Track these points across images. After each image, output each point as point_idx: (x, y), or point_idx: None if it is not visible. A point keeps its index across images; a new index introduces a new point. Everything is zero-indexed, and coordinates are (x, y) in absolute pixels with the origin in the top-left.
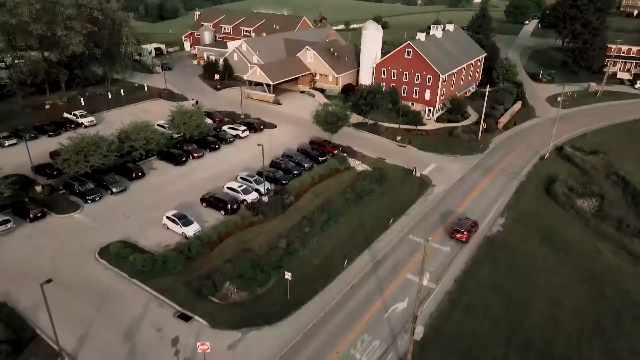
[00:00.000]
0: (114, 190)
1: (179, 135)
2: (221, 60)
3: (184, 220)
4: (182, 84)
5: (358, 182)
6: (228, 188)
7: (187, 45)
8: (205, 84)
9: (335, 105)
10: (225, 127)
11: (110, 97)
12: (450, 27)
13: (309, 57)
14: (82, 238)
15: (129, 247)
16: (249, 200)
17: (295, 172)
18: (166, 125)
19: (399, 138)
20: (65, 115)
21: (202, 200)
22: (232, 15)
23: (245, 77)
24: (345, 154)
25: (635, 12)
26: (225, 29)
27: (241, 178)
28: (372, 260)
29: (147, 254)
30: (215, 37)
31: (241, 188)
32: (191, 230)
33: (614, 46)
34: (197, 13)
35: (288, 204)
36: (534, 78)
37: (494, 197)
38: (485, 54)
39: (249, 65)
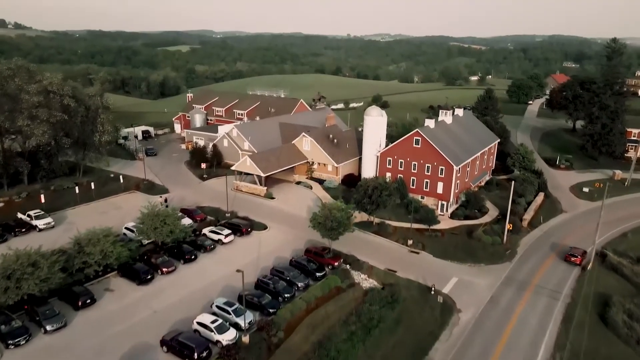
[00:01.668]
0: (48, 328)
1: (149, 241)
2: (210, 146)
3: None
4: (166, 172)
5: (365, 307)
6: (198, 324)
7: (177, 128)
8: (191, 172)
9: (336, 210)
10: (205, 230)
11: (77, 191)
12: (459, 112)
13: (306, 145)
14: None
15: None
16: (224, 342)
17: (286, 295)
18: (135, 230)
19: (410, 242)
20: (19, 215)
21: (163, 343)
22: (226, 96)
23: (233, 168)
24: (348, 266)
25: None
26: (217, 111)
27: (217, 307)
28: None
29: None
30: (207, 119)
31: (215, 324)
32: None
33: (634, 130)
34: (189, 95)
35: (276, 344)
36: (551, 164)
37: (537, 328)
38: (499, 140)
39: (239, 152)
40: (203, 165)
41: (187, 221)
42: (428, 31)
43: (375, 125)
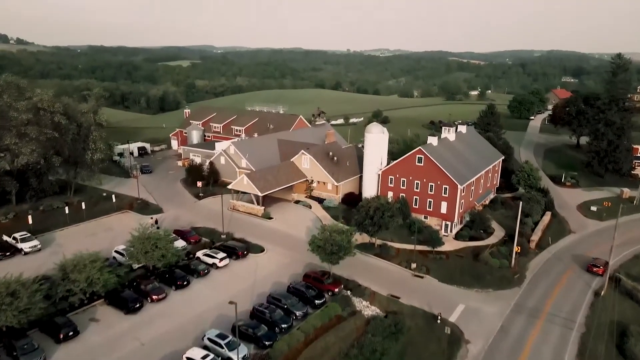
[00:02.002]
0: None
1: (140, 266)
2: (207, 164)
3: None
4: (161, 190)
5: (367, 337)
6: (187, 359)
7: (174, 144)
8: (187, 190)
9: (337, 233)
10: (199, 254)
11: (67, 211)
12: (462, 128)
13: (305, 162)
14: None
15: None
16: None
17: (283, 325)
18: (124, 253)
19: (414, 265)
20: (5, 238)
21: None
22: (224, 113)
23: (230, 187)
24: (349, 292)
25: None
26: (215, 127)
27: (209, 339)
28: None
29: None
30: (205, 136)
31: None
32: None
33: None
34: (187, 110)
35: None
36: (556, 181)
37: None
38: (503, 157)
39: (237, 170)
40: (199, 184)
41: (180, 243)
42: (427, 46)
43: (376, 142)
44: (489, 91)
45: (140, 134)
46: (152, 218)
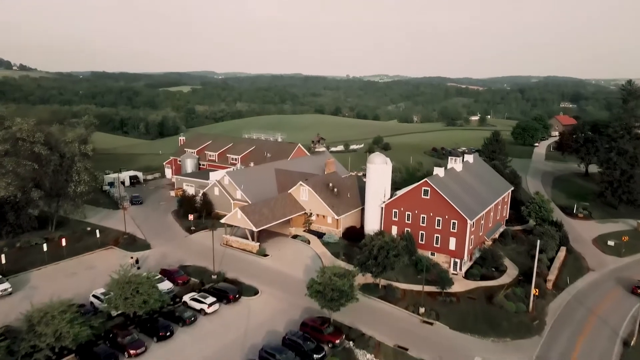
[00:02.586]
0: None
1: (119, 313)
2: (200, 195)
3: None
4: (150, 223)
5: None
6: None
7: (168, 173)
8: (178, 223)
9: (337, 277)
10: (186, 298)
11: (46, 248)
12: (469, 158)
13: (304, 194)
14: None
15: None
16: None
17: None
18: (103, 298)
19: (422, 310)
20: None
21: None
22: (220, 140)
23: (223, 221)
24: (351, 343)
25: None
26: (210, 155)
27: None
28: None
29: None
30: (199, 164)
31: None
32: None
33: None
34: (182, 138)
35: None
36: (567, 212)
37: None
38: (513, 187)
39: (232, 201)
40: (191, 217)
41: (166, 285)
42: (425, 72)
43: (379, 173)
44: (489, 116)
45: (135, 161)
46: (132, 257)
